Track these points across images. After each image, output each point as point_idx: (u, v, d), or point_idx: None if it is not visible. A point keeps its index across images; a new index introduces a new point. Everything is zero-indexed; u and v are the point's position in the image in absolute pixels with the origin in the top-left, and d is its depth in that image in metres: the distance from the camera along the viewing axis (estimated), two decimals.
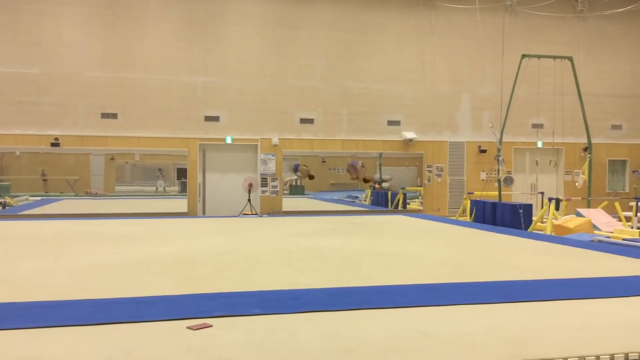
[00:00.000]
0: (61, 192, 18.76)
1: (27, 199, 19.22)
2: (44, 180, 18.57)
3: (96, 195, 18.42)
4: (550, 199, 13.65)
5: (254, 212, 16.26)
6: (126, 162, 19.59)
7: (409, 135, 17.88)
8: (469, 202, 16.12)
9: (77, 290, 5.73)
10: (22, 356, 3.68)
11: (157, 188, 21.78)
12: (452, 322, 4.61)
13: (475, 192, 16.73)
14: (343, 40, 17.68)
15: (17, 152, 17.49)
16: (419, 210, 18.26)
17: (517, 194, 17.98)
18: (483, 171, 18.52)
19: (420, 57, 18.17)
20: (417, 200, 19.51)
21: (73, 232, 11.33)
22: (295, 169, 18.58)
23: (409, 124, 18.09)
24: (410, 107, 18.08)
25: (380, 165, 19.86)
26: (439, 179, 18.34)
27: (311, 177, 14.79)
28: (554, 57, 16.21)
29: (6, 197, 18.01)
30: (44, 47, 15.95)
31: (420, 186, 18.72)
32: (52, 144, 15.88)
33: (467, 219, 15.69)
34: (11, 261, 7.58)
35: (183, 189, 17.91)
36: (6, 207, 17.51)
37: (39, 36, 15.92)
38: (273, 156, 17.21)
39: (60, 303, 5.14)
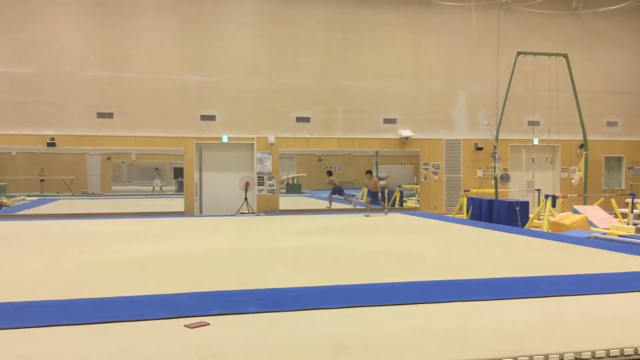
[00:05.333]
0: (58, 192, 18.72)
1: (23, 199, 19.17)
2: (41, 180, 18.53)
3: (93, 195, 18.40)
4: (546, 196, 13.68)
5: (250, 211, 16.26)
6: (123, 162, 19.56)
7: (405, 133, 17.91)
8: (465, 199, 16.15)
9: (75, 289, 5.73)
10: (21, 355, 3.69)
11: (153, 187, 21.75)
12: (449, 318, 4.64)
13: (472, 190, 16.76)
14: (338, 38, 17.69)
15: (13, 152, 17.44)
16: (415, 208, 18.29)
17: (513, 191, 18.03)
18: (479, 168, 18.56)
19: (416, 55, 18.19)
20: (413, 198, 19.53)
21: (70, 232, 11.32)
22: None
23: (405, 121, 18.11)
24: (406, 105, 18.10)
25: (376, 163, 19.87)
26: (436, 177, 18.38)
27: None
28: (549, 55, 16.26)
29: (3, 197, 17.98)
30: (40, 46, 15.92)
31: (417, 184, 18.75)
32: (48, 144, 15.86)
33: (464, 216, 15.72)
34: (8, 261, 7.58)
35: (180, 188, 17.90)
36: (3, 208, 17.47)
37: (34, 36, 15.89)
38: (269, 155, 17.21)
39: (58, 302, 5.14)
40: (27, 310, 4.86)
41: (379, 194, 15.78)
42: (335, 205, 16.68)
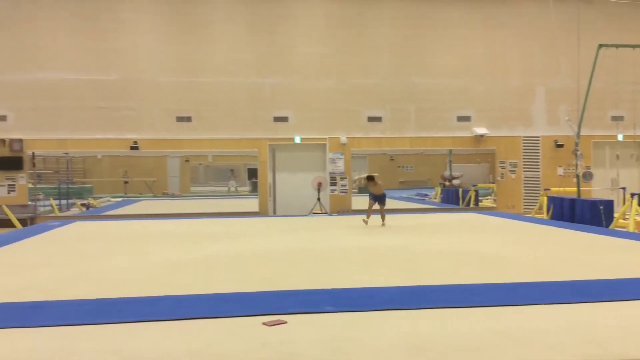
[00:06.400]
0: (140, 193, 19.54)
1: (108, 200, 20.11)
2: (125, 182, 19.41)
3: (173, 195, 19.08)
4: (632, 195, 13.04)
5: (323, 211, 16.38)
6: (200, 164, 20.18)
7: (480, 130, 17.52)
8: (545, 198, 15.62)
9: (159, 286, 5.97)
10: (111, 350, 3.88)
11: (229, 188, 22.29)
12: (529, 321, 4.51)
13: (552, 188, 16.19)
14: (408, 36, 17.52)
15: (99, 156, 18.34)
16: (492, 208, 17.86)
17: (597, 190, 17.27)
18: (560, 166, 17.90)
19: (490, 50, 17.76)
20: (489, 197, 19.08)
21: (152, 231, 11.79)
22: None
23: (479, 119, 17.72)
24: (480, 102, 17.71)
25: (450, 162, 19.56)
26: (513, 175, 17.87)
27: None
28: (633, 46, 15.46)
29: (89, 198, 18.94)
30: (121, 54, 16.66)
31: (493, 183, 18.30)
32: (132, 147, 16.57)
33: (544, 216, 15.21)
34: (96, 260, 7.96)
35: (254, 188, 18.28)
36: (89, 208, 18.41)
37: (116, 44, 16.64)
38: (341, 155, 17.28)
39: (144, 299, 5.38)
40: (115, 306, 5.10)
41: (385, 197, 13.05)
42: (407, 205, 16.52)
